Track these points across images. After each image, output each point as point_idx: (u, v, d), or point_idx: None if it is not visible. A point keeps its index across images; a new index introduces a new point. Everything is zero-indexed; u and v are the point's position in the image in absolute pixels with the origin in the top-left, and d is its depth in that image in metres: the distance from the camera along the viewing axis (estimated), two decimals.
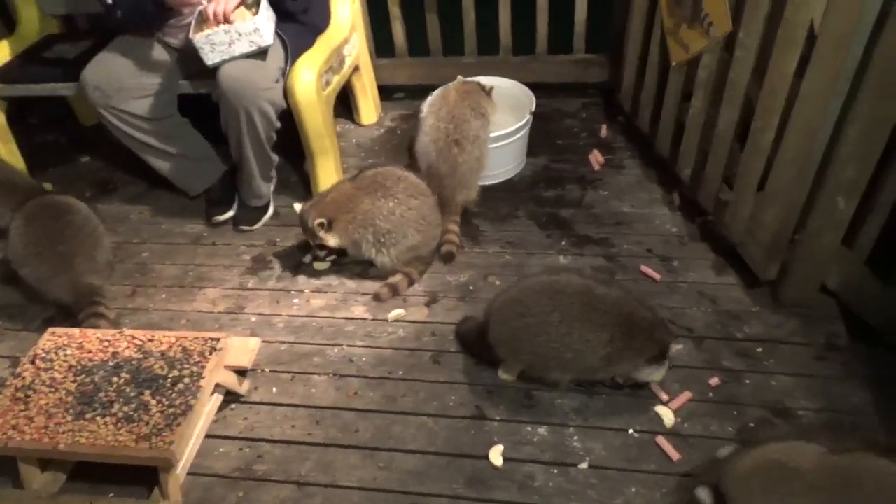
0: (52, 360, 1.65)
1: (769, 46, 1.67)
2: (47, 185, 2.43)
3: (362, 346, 1.92)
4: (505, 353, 1.72)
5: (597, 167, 2.48)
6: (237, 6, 1.95)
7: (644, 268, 2.04)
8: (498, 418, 1.69)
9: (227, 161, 2.41)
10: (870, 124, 1.50)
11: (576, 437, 1.63)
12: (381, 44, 2.91)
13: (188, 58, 2.17)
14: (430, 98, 2.41)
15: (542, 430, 1.65)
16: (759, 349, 1.78)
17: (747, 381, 1.70)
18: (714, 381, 1.70)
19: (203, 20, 1.98)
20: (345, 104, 2.84)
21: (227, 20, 1.93)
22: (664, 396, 1.68)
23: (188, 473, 1.62)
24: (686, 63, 2.07)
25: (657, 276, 2.01)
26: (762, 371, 1.73)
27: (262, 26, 1.95)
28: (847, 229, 1.70)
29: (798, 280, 1.82)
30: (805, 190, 1.69)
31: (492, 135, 2.30)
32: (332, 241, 2.05)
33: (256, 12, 1.97)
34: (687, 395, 1.67)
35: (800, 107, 1.59)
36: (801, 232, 1.75)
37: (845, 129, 1.54)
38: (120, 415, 1.51)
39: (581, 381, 1.71)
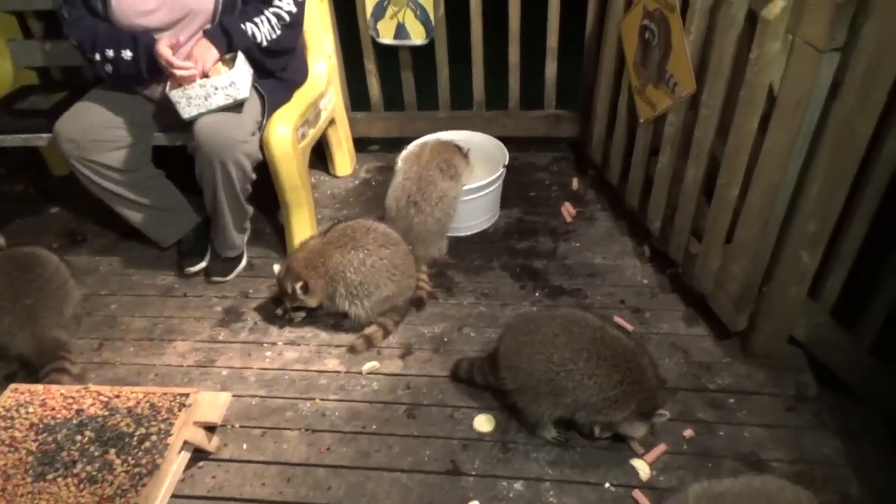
0: (12, 418, 1.59)
1: (732, 106, 1.74)
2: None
3: (335, 400, 1.90)
4: (503, 366, 1.71)
5: (569, 219, 2.53)
6: (214, 63, 1.98)
7: (617, 318, 2.06)
8: (473, 473, 1.67)
9: (200, 212, 2.40)
10: (829, 181, 1.56)
11: (552, 493, 1.61)
12: (356, 97, 2.96)
13: (164, 110, 2.18)
14: (405, 151, 2.45)
15: (517, 486, 1.63)
16: (732, 400, 1.80)
17: (721, 433, 1.71)
18: (688, 432, 1.71)
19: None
20: (320, 156, 2.86)
21: (204, 75, 1.96)
22: (640, 449, 1.68)
23: None
24: (653, 120, 2.14)
25: (630, 327, 2.03)
26: (735, 422, 1.74)
27: (238, 80, 1.98)
28: (812, 281, 1.75)
29: (766, 331, 1.86)
30: (770, 243, 1.74)
31: (466, 188, 2.34)
32: (312, 302, 2.04)
33: (232, 66, 1.99)
34: (662, 447, 1.68)
35: (762, 164, 1.66)
36: (768, 284, 1.80)
37: (806, 186, 1.59)
38: (83, 475, 1.46)
39: (562, 423, 1.70)
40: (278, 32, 2.08)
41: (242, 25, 2.02)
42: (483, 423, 1.79)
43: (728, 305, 1.91)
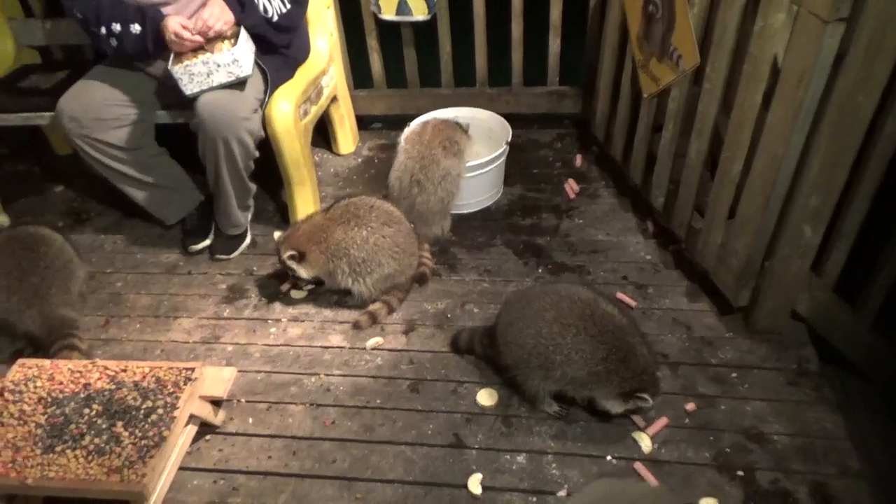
0: (21, 392, 1.61)
1: (736, 80, 1.73)
2: (3, 218, 2.38)
3: (339, 375, 1.91)
4: (500, 342, 1.73)
5: (572, 196, 2.52)
6: (226, 24, 1.97)
7: (620, 295, 2.06)
8: (476, 446, 1.69)
9: (203, 190, 2.40)
10: (831, 156, 1.55)
11: (554, 465, 1.63)
12: (358, 75, 2.95)
13: (166, 87, 2.18)
14: (407, 130, 2.44)
15: (520, 458, 1.65)
16: (734, 375, 1.81)
17: (722, 407, 1.73)
18: (690, 406, 1.72)
19: (180, 50, 1.99)
20: (322, 134, 2.86)
21: (204, 36, 1.95)
22: (641, 422, 1.69)
23: None
24: (657, 95, 2.12)
25: (633, 303, 2.04)
26: (737, 396, 1.75)
27: (240, 57, 1.97)
28: (815, 257, 1.75)
29: (769, 306, 1.86)
30: (773, 218, 1.74)
31: (469, 164, 2.33)
32: (303, 272, 2.05)
33: (235, 43, 1.98)
34: (664, 420, 1.69)
35: (765, 138, 1.65)
36: (771, 259, 1.80)
37: (809, 160, 1.59)
38: (91, 447, 1.48)
39: (560, 398, 1.71)
40: (288, 7, 2.08)
41: None
42: (486, 397, 1.80)
43: (730, 281, 1.91)
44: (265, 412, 1.83)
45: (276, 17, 2.06)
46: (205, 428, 1.76)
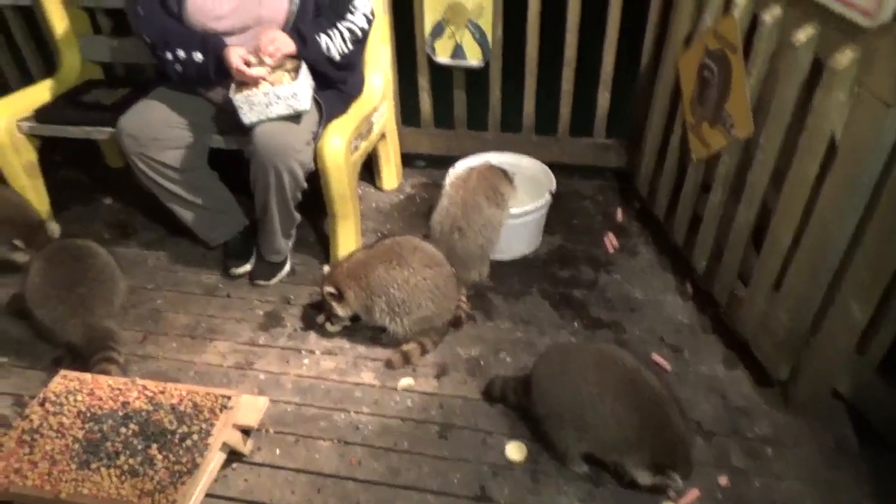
0: (61, 405, 1.64)
1: (790, 150, 1.73)
2: (54, 225, 2.46)
3: (369, 414, 1.91)
4: (535, 392, 1.72)
5: (611, 250, 2.52)
6: (288, 53, 2.03)
7: (655, 356, 2.04)
8: (502, 501, 1.67)
9: (249, 215, 2.45)
10: (886, 235, 1.53)
11: None
12: (407, 112, 3.00)
13: (224, 113, 2.24)
14: (453, 172, 2.47)
15: None
16: (769, 450, 1.77)
17: (756, 484, 1.69)
18: (723, 480, 1.69)
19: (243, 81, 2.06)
20: (367, 168, 2.90)
21: (265, 54, 2.01)
22: (672, 493, 1.66)
23: None
24: (706, 159, 2.13)
25: (668, 366, 2.01)
26: (771, 474, 1.71)
27: (300, 91, 2.02)
28: (861, 336, 1.72)
29: (809, 382, 1.83)
30: (820, 293, 1.71)
31: (512, 211, 2.34)
32: (341, 311, 2.07)
33: (296, 77, 2.04)
34: (695, 492, 1.65)
35: (818, 213, 1.64)
36: (815, 334, 1.77)
37: (861, 239, 1.57)
38: (125, 467, 1.50)
39: (590, 460, 1.69)
40: (350, 48, 2.13)
41: (317, 36, 2.08)
42: (514, 450, 1.78)
43: (771, 352, 1.88)
44: (293, 445, 1.83)
45: (337, 57, 2.12)
46: (232, 456, 1.77)
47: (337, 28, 2.11)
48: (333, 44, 2.11)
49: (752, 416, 1.86)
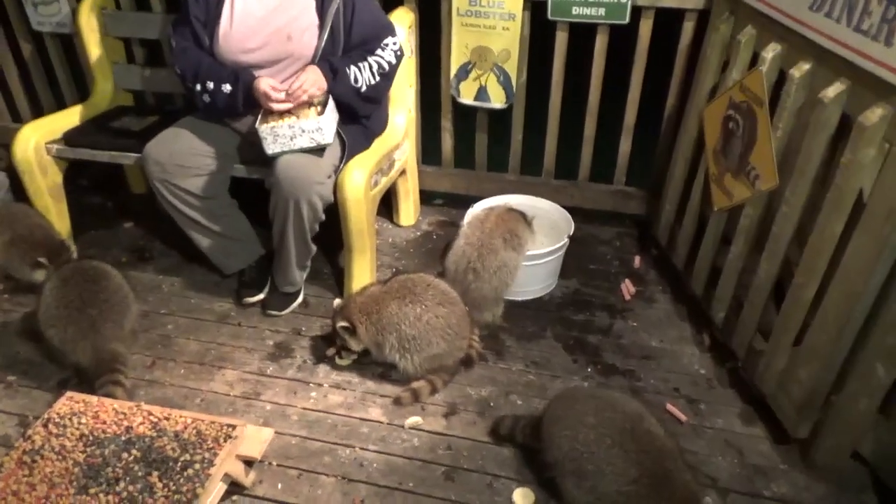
0: (65, 427, 1.62)
1: (814, 205, 1.71)
2: (73, 247, 2.49)
3: (375, 451, 1.87)
4: (543, 437, 1.69)
5: (627, 297, 2.49)
6: (320, 90, 2.08)
7: (670, 406, 1.99)
8: None
9: (265, 245, 2.45)
10: None
11: None
12: (428, 151, 3.03)
13: (248, 143, 2.27)
14: (472, 212, 2.47)
15: None
16: None
17: None
18: None
19: (269, 111, 2.09)
20: (385, 204, 2.91)
21: (296, 99, 2.04)
22: None
23: None
24: (728, 209, 2.11)
25: (683, 418, 1.96)
26: None
27: (324, 126, 2.04)
28: (885, 397, 1.67)
29: (830, 443, 1.76)
30: (844, 352, 1.67)
31: (529, 253, 2.33)
32: (354, 344, 2.05)
33: (321, 112, 2.07)
34: None
35: (844, 270, 1.61)
36: (837, 394, 1.72)
37: (889, 298, 1.54)
38: (124, 494, 1.46)
39: None
40: (377, 80, 2.17)
41: (347, 68, 2.11)
42: (522, 497, 1.73)
43: (791, 410, 1.83)
44: (295, 479, 1.79)
45: (364, 88, 2.15)
46: (233, 487, 1.73)
47: (367, 61, 2.15)
48: (362, 75, 2.14)
49: (769, 475, 1.80)
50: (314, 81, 2.08)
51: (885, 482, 1.75)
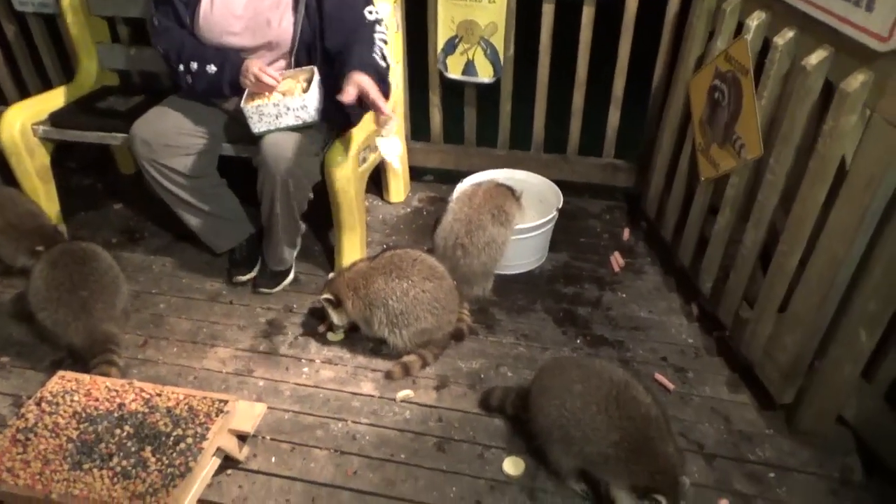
0: (57, 405, 1.63)
1: (799, 173, 1.72)
2: (62, 227, 2.49)
3: (367, 424, 1.90)
4: (531, 407, 1.71)
5: (617, 269, 2.50)
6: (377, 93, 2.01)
7: (658, 376, 2.02)
8: None
9: (255, 223, 2.46)
10: (894, 262, 1.51)
11: None
12: (417, 127, 3.02)
13: (235, 122, 2.26)
14: (460, 188, 2.47)
15: None
16: (772, 475, 1.74)
17: None
18: (724, 503, 1.65)
19: (255, 90, 2.08)
20: (375, 180, 2.91)
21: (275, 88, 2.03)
22: None
23: None
24: (714, 180, 2.12)
25: (671, 386, 1.99)
26: (773, 499, 1.68)
27: (310, 103, 2.04)
28: (868, 362, 1.69)
29: (814, 407, 1.80)
30: (827, 318, 1.69)
31: (518, 227, 2.34)
32: (336, 318, 2.07)
33: (307, 90, 2.06)
34: None
35: (826, 237, 1.62)
36: (821, 359, 1.74)
37: (870, 264, 1.55)
38: (117, 469, 1.48)
39: (585, 477, 1.67)
40: (387, 53, 2.15)
41: (375, 55, 2.05)
42: (512, 465, 1.76)
43: (776, 376, 1.85)
44: (288, 453, 1.81)
45: (386, 64, 2.12)
46: (227, 462, 1.75)
47: (375, 42, 2.09)
48: (385, 53, 2.11)
49: (755, 440, 1.83)
50: (371, 89, 1.95)
51: (869, 446, 1.79)
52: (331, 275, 2.14)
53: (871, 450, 1.78)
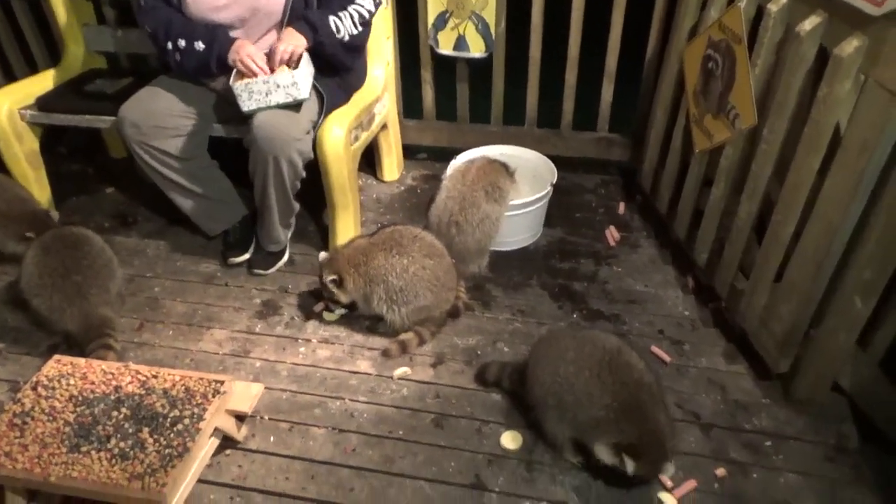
0: (53, 388, 1.63)
1: (793, 142, 1.71)
2: (53, 213, 2.47)
3: (364, 402, 1.90)
4: (528, 378, 1.72)
5: (612, 243, 2.50)
6: (300, 55, 2.04)
7: (655, 348, 2.02)
8: (497, 490, 1.65)
9: (248, 205, 2.44)
10: (889, 229, 1.51)
11: None
12: (409, 105, 2.99)
13: (225, 102, 2.23)
14: (453, 165, 2.46)
15: None
16: (768, 443, 1.75)
17: (754, 476, 1.66)
18: (720, 471, 1.66)
19: (244, 70, 2.05)
20: (368, 159, 2.89)
21: (273, 69, 2.00)
22: (668, 483, 1.64)
23: None
24: (709, 151, 2.11)
25: (667, 359, 1.99)
26: (770, 467, 1.69)
27: (300, 80, 2.01)
28: (863, 330, 1.69)
29: (810, 376, 1.80)
30: (822, 286, 1.69)
31: (512, 202, 2.33)
32: (343, 297, 2.06)
33: (296, 66, 2.03)
34: (692, 483, 1.63)
35: (821, 205, 1.61)
36: (817, 328, 1.75)
37: (865, 232, 1.55)
38: (115, 451, 1.48)
39: (581, 449, 1.67)
40: (359, 30, 2.14)
41: (327, 20, 2.08)
42: (510, 439, 1.77)
43: (772, 346, 1.86)
44: (287, 432, 1.82)
45: (347, 38, 2.12)
46: (226, 442, 1.76)
47: (347, 10, 2.12)
48: (343, 25, 2.11)
49: (751, 409, 1.84)
50: (293, 43, 2.03)
51: (864, 413, 1.80)
52: (322, 255, 2.12)
53: (866, 417, 1.79)
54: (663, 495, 1.62)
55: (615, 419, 1.52)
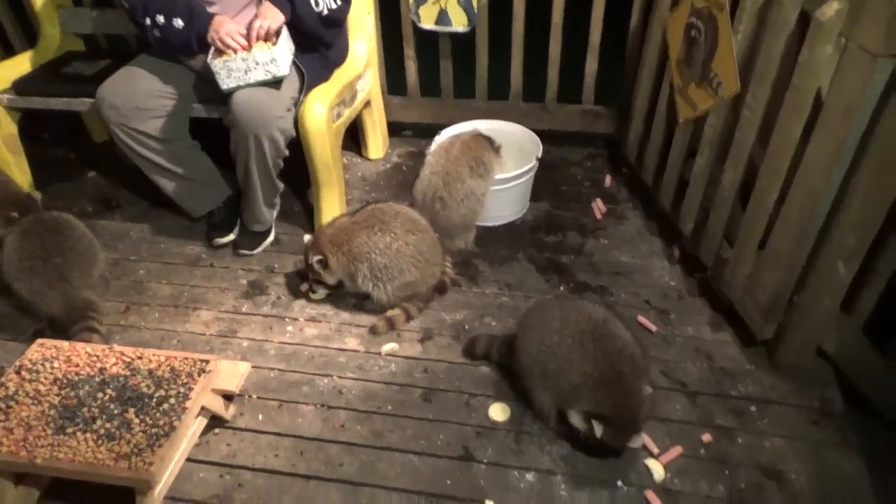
0: (37, 372, 1.62)
1: (776, 109, 1.70)
2: (36, 194, 2.44)
3: (352, 379, 1.90)
4: (516, 348, 1.74)
5: (599, 216, 2.50)
6: (278, 28, 2.01)
7: (641, 318, 2.03)
8: (485, 461, 1.66)
9: (232, 185, 2.42)
10: (871, 194, 1.51)
11: (563, 487, 1.60)
12: (393, 82, 2.96)
13: (204, 81, 2.20)
14: (437, 141, 2.44)
15: (529, 477, 1.62)
16: (753, 408, 1.76)
17: (740, 440, 1.68)
18: (706, 437, 1.68)
19: (222, 48, 2.02)
20: (353, 137, 2.87)
21: (250, 45, 1.98)
22: (655, 449, 1.65)
23: (165, 497, 1.58)
24: (693, 120, 2.10)
25: (653, 328, 2.00)
26: (755, 431, 1.70)
27: (279, 57, 1.99)
28: (846, 295, 1.70)
29: (795, 342, 1.81)
30: (805, 252, 1.70)
31: (497, 177, 2.32)
32: (329, 278, 2.06)
33: (275, 43, 2.00)
34: (678, 449, 1.65)
35: (803, 171, 1.61)
36: (800, 294, 1.75)
37: (847, 197, 1.55)
38: (101, 431, 1.48)
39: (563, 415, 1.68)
40: (338, 4, 2.11)
41: None
42: (498, 411, 1.78)
43: (756, 313, 1.87)
44: (276, 410, 1.82)
45: (325, 12, 2.09)
46: (214, 421, 1.76)
47: None
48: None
49: (736, 376, 1.85)
50: (270, 17, 2.00)
51: (848, 377, 1.81)
52: (306, 237, 2.11)
53: (850, 381, 1.81)
54: (650, 462, 1.64)
55: (592, 387, 1.53)
